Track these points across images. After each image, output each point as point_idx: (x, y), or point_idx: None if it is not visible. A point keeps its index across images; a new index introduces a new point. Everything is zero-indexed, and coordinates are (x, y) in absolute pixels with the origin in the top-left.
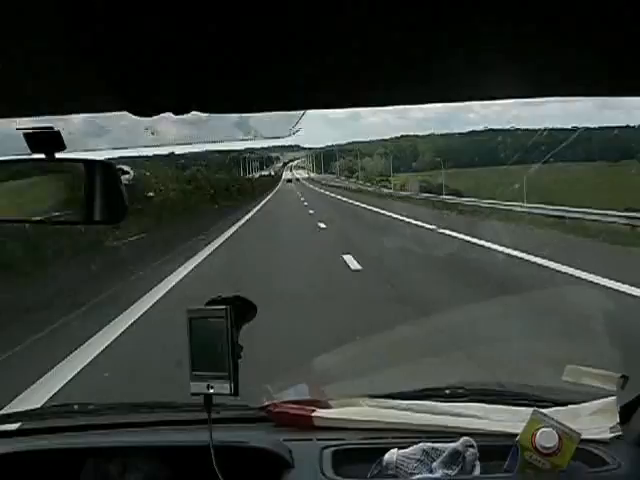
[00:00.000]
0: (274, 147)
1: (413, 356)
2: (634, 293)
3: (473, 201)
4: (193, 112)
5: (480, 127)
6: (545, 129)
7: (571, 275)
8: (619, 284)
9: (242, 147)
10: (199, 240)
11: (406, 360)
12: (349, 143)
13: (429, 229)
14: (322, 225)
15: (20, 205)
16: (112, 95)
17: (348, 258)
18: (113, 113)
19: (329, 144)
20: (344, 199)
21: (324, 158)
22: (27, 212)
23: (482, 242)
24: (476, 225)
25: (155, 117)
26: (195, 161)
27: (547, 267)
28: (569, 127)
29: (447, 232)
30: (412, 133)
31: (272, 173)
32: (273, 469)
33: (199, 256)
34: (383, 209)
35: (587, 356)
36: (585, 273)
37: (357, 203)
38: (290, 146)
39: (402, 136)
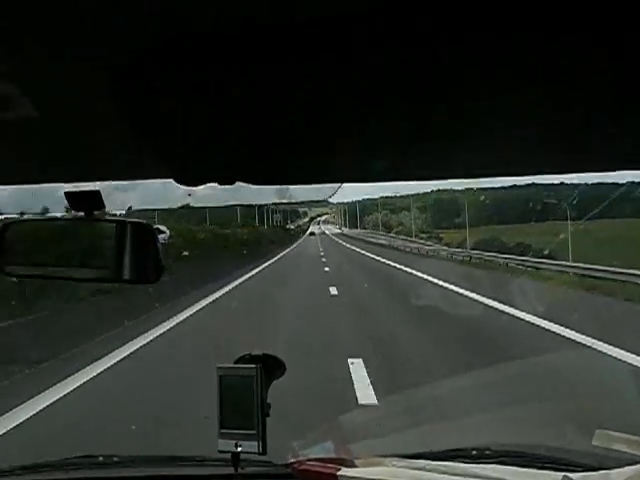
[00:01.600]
0: (302, 202)
1: (441, 415)
2: None
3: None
4: (237, 183)
5: (523, 182)
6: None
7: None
8: None
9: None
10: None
11: (434, 419)
12: (381, 197)
13: None
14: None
15: (57, 261)
16: (159, 164)
17: None
18: (158, 180)
19: (358, 199)
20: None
21: (354, 213)
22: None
23: None
24: None
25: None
26: (220, 214)
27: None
28: (609, 182)
29: None
30: (448, 187)
31: (292, 227)
32: None
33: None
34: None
35: None
36: None
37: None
38: (318, 201)
39: (439, 190)
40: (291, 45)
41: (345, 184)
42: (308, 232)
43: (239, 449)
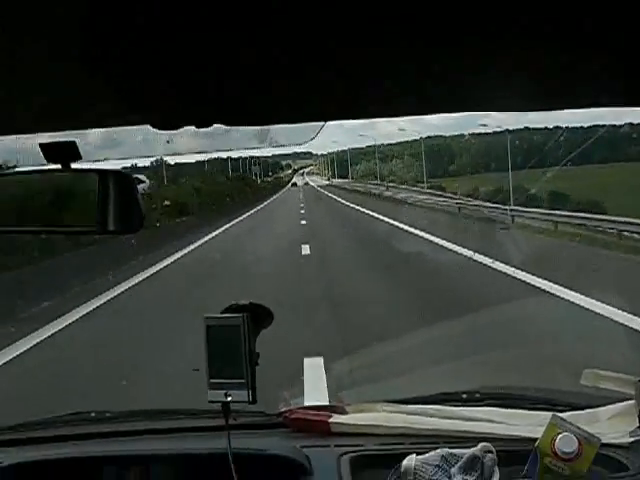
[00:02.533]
0: (284, 155)
1: (430, 360)
2: None
3: None
4: (215, 125)
5: (514, 127)
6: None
7: None
8: None
9: (246, 154)
10: None
11: (423, 364)
12: (368, 146)
13: None
14: None
15: (35, 215)
16: (135, 110)
17: None
18: (135, 127)
19: (343, 148)
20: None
21: (341, 162)
22: (43, 222)
23: None
24: None
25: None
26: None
27: None
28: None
29: None
30: (439, 133)
31: (268, 179)
32: (291, 476)
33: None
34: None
35: None
36: None
37: None
38: (302, 153)
39: (428, 137)
40: None
41: (329, 123)
42: (290, 184)
43: (229, 398)
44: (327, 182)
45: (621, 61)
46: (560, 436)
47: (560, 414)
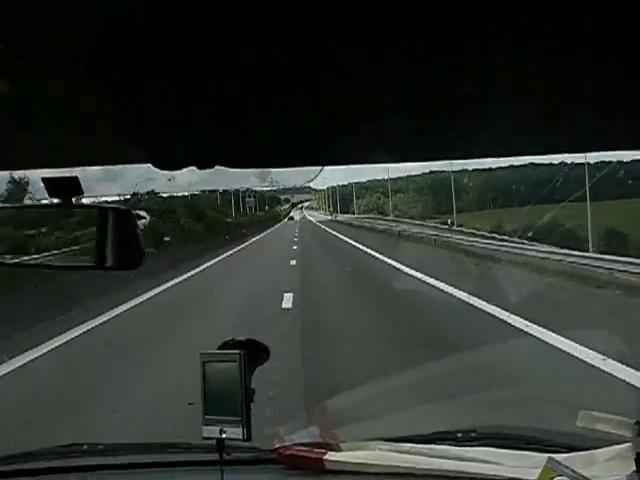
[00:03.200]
0: (284, 189)
1: (425, 399)
2: None
3: None
4: (216, 167)
5: (522, 162)
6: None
7: None
8: None
9: (241, 186)
10: None
11: (419, 403)
12: (369, 181)
13: None
14: None
15: (37, 249)
16: (138, 149)
17: None
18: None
19: (343, 183)
20: None
21: (341, 197)
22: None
23: None
24: None
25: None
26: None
27: None
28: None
29: None
30: (443, 169)
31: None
32: None
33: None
34: None
35: None
36: None
37: None
38: (301, 188)
39: (431, 172)
40: (269, 24)
41: (327, 167)
42: (287, 218)
43: (223, 435)
44: (329, 217)
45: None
46: None
47: (556, 455)
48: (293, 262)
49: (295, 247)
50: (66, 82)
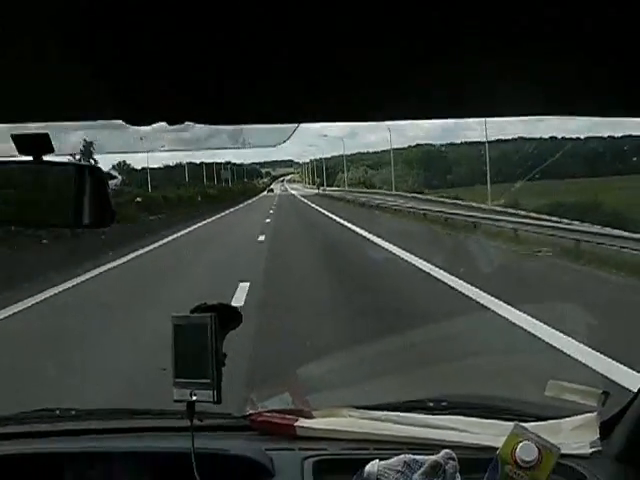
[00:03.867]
0: (265, 162)
1: (397, 368)
2: None
3: None
4: (186, 122)
5: (509, 136)
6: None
7: None
8: None
9: (223, 160)
10: None
11: (390, 372)
12: (355, 154)
13: None
14: None
15: (8, 207)
16: (107, 103)
17: None
18: (107, 121)
19: (326, 157)
20: None
21: (324, 171)
22: (16, 214)
23: None
24: None
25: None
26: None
27: None
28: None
29: None
30: (430, 142)
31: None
32: (254, 478)
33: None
34: None
35: None
36: None
37: None
38: (282, 161)
39: (418, 145)
40: None
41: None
42: (266, 191)
43: (194, 398)
44: (314, 190)
45: (622, 73)
46: (521, 444)
47: (523, 424)
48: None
49: (259, 241)
50: (34, 37)
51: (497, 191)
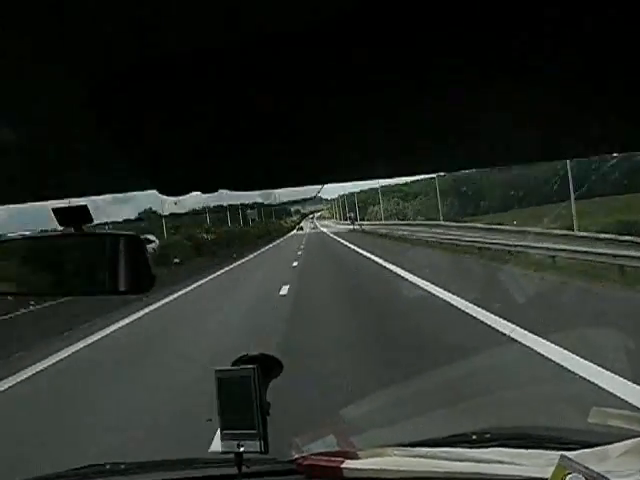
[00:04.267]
0: (293, 201)
1: (440, 404)
2: None
3: None
4: (220, 190)
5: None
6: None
7: None
8: None
9: (248, 201)
10: None
11: (433, 407)
12: (384, 186)
13: None
14: None
15: (47, 277)
16: (142, 177)
17: None
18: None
19: (352, 191)
20: None
21: (353, 205)
22: (55, 284)
23: None
24: None
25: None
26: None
27: None
28: None
29: None
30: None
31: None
32: None
33: None
34: None
35: None
36: None
37: None
38: (310, 198)
39: (445, 175)
40: (267, 58)
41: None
42: (295, 229)
43: (241, 449)
44: (349, 226)
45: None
46: (569, 477)
47: (568, 453)
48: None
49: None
50: (67, 114)
51: (536, 215)
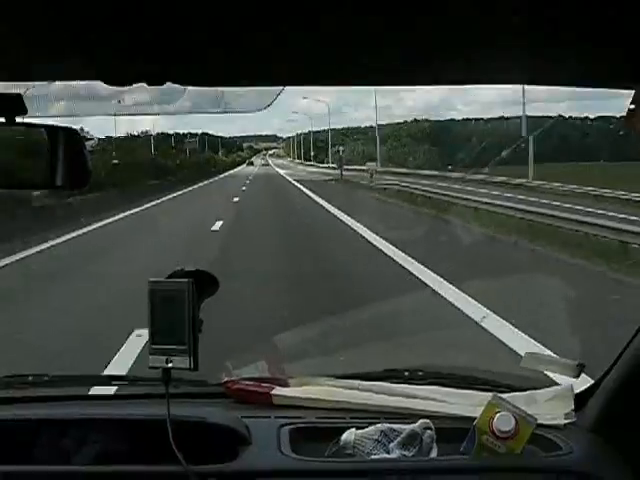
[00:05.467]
0: (247, 136)
1: (373, 338)
2: None
3: None
4: (168, 83)
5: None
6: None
7: None
8: None
9: (199, 131)
10: None
11: (367, 342)
12: (345, 128)
13: None
14: None
15: None
16: (86, 63)
17: None
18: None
19: (315, 129)
20: None
21: (313, 144)
22: None
23: None
24: None
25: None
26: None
27: None
28: None
29: None
30: (426, 117)
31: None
32: (230, 445)
33: None
34: None
35: None
36: None
37: None
38: (266, 135)
39: (415, 120)
40: None
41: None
42: (245, 164)
43: (169, 364)
44: (327, 171)
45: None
46: (498, 415)
47: (500, 394)
48: None
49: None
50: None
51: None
